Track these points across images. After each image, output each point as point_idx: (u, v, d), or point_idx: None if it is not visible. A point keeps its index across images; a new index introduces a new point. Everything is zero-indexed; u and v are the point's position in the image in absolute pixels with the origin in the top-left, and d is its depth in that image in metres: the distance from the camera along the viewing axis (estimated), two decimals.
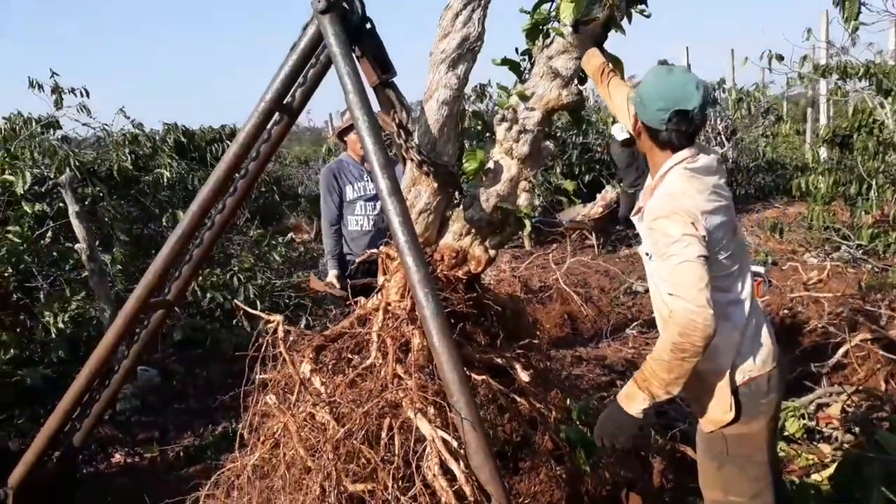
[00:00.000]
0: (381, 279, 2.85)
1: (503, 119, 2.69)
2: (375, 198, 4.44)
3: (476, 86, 11.05)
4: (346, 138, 4.73)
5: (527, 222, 2.79)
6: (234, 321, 6.23)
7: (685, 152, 2.13)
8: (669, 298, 1.97)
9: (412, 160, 2.56)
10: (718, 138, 12.82)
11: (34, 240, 5.63)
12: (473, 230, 2.74)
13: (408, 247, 2.22)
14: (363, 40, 2.49)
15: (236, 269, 6.59)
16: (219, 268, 6.67)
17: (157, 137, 8.00)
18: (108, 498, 3.76)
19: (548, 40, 2.69)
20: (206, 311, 6.31)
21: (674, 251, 1.96)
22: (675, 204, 2.02)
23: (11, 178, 5.59)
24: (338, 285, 4.41)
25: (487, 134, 2.88)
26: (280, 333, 2.89)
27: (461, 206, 2.76)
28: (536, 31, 2.73)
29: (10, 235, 5.39)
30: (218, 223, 2.83)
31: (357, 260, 3.86)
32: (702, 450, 2.31)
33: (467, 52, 2.60)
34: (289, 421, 2.52)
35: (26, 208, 5.65)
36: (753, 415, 2.17)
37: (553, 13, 2.69)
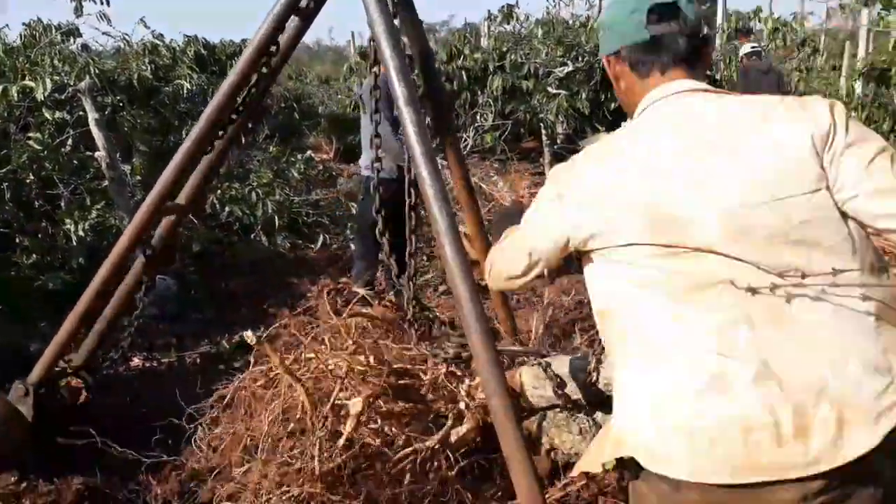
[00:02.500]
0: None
1: None
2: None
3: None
4: None
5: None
6: (251, 235, 6.29)
7: (682, 82, 1.46)
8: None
9: None
10: None
11: (55, 147, 5.65)
12: None
13: (423, 159, 2.19)
14: None
15: (255, 184, 6.61)
16: (237, 182, 6.69)
17: (177, 48, 7.91)
18: (127, 398, 3.87)
19: None
20: (224, 225, 6.36)
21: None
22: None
23: (32, 84, 5.57)
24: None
25: None
26: None
27: None
28: None
29: (31, 142, 5.41)
30: (232, 130, 2.80)
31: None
32: None
33: None
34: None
35: (47, 115, 5.65)
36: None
37: None
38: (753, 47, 8.94)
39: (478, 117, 9.48)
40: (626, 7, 1.49)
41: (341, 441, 2.33)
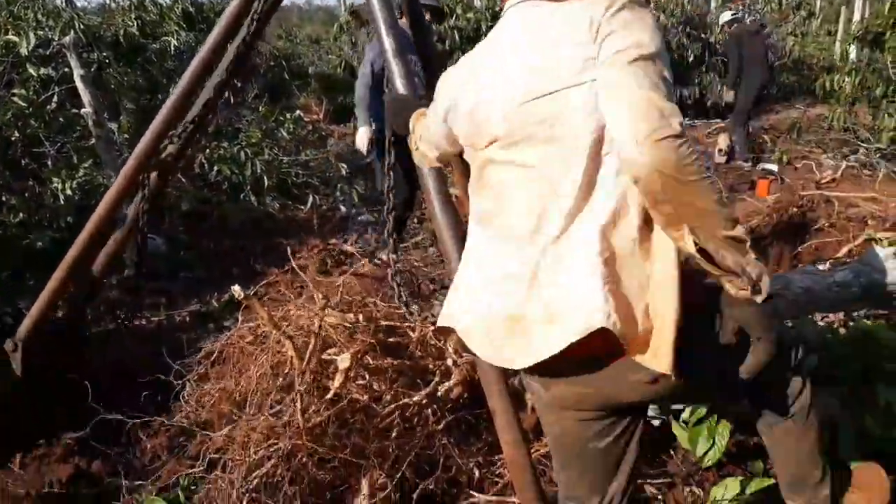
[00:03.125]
0: None
1: None
2: None
3: None
4: None
5: None
6: (241, 195, 6.25)
7: None
8: None
9: None
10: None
11: (40, 104, 5.57)
12: None
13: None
14: None
15: (244, 143, 6.55)
16: (226, 141, 6.62)
17: (165, 5, 7.76)
18: (116, 355, 3.88)
19: None
20: (213, 185, 6.32)
21: None
22: None
23: (15, 38, 5.47)
24: (365, 146, 4.55)
25: None
26: None
27: None
28: None
29: (15, 98, 5.33)
30: (215, 87, 2.76)
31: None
32: None
33: None
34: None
35: (31, 71, 5.56)
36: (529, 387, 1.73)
37: None
38: (734, 14, 8.80)
39: None
40: None
41: (329, 395, 2.35)
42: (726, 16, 8.79)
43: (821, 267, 2.77)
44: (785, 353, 1.67)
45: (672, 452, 2.77)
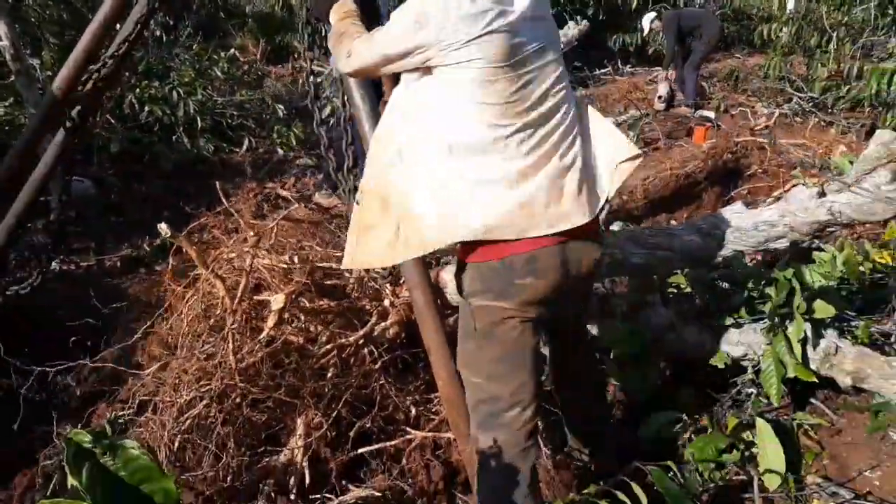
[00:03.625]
0: None
1: None
2: None
3: None
4: None
5: None
6: (173, 137, 6.04)
7: None
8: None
9: None
10: None
11: None
12: None
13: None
14: None
15: (176, 83, 6.29)
16: (157, 80, 6.35)
17: None
18: (43, 299, 3.75)
19: None
20: (144, 125, 6.07)
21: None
22: None
23: None
24: None
25: None
26: None
27: None
28: None
29: None
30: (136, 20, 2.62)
31: None
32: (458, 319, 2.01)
33: None
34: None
35: None
36: (502, 293, 1.80)
37: None
38: (656, 15, 8.68)
39: None
40: None
41: (263, 336, 2.32)
42: (650, 17, 8.65)
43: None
44: None
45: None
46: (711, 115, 7.68)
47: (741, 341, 2.73)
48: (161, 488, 1.03)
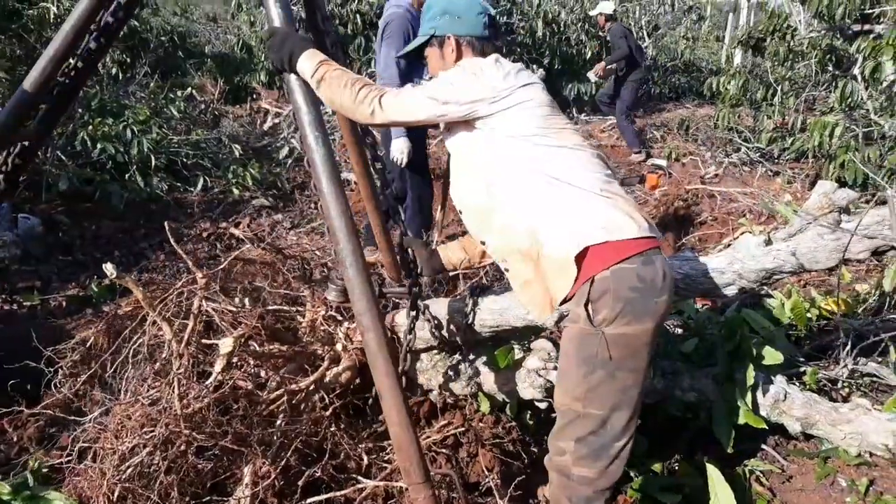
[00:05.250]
0: None
1: None
2: None
3: None
4: None
5: None
6: (126, 175, 5.93)
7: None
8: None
9: None
10: (640, 33, 12.79)
11: None
12: None
13: (298, 84, 2.11)
14: None
15: (130, 120, 6.21)
16: (111, 118, 6.26)
17: None
18: None
19: None
20: (96, 163, 5.96)
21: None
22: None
23: None
24: (405, 156, 4.34)
25: None
26: None
27: None
28: None
29: None
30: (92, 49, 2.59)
31: None
32: (569, 351, 2.00)
33: None
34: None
35: None
36: (641, 313, 1.89)
37: None
38: (614, 10, 8.96)
39: (372, 63, 9.27)
40: (474, 7, 2.23)
41: (210, 381, 2.26)
42: (608, 6, 8.86)
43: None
44: None
45: None
46: (663, 162, 7.88)
47: (693, 388, 2.76)
48: None
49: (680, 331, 3.12)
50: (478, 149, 2.08)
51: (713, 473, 2.47)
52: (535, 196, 1.99)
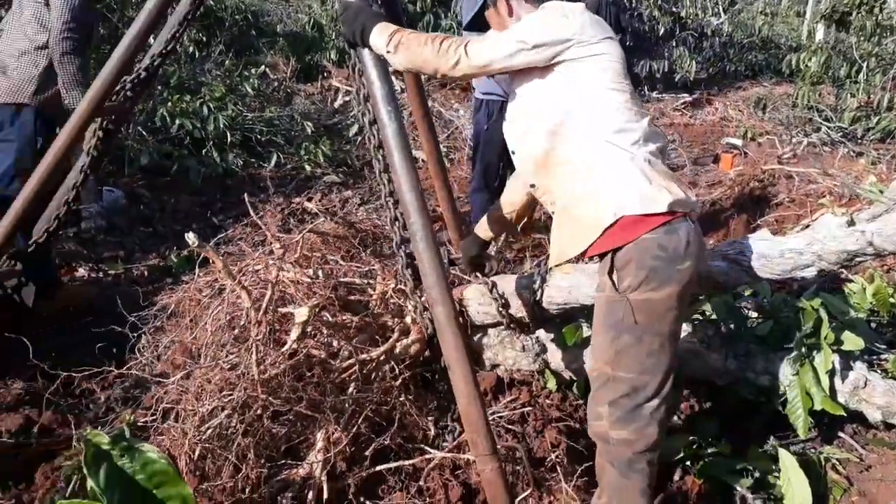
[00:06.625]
0: None
1: None
2: None
3: None
4: None
5: None
6: (202, 151, 6.12)
7: None
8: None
9: None
10: (715, 9, 12.37)
11: None
12: None
13: (371, 59, 2.14)
14: None
15: (206, 98, 6.39)
16: (189, 95, 6.46)
17: None
18: (71, 305, 3.80)
19: None
20: (174, 139, 6.17)
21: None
22: None
23: None
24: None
25: None
26: None
27: None
28: None
29: None
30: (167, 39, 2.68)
31: None
32: (598, 318, 2.08)
33: None
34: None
35: None
36: (664, 280, 1.93)
37: None
38: None
39: None
40: None
41: (286, 348, 2.33)
42: None
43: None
44: None
45: None
46: (738, 142, 7.64)
47: (767, 371, 2.69)
48: (178, 494, 1.03)
49: (755, 314, 3.05)
50: (551, 93, 2.07)
51: (786, 459, 2.42)
52: (590, 150, 2.00)
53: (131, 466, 1.00)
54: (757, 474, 2.58)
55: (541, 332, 2.80)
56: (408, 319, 2.75)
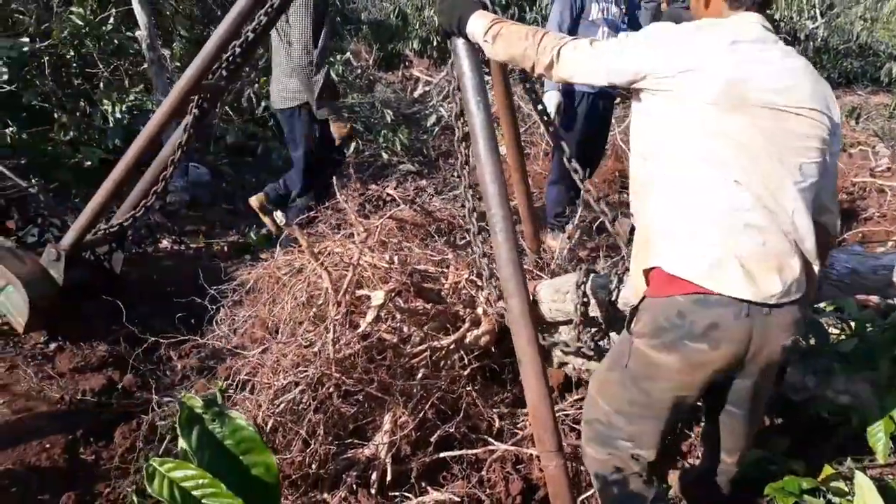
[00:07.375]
0: None
1: None
2: (617, 26, 4.20)
3: None
4: None
5: None
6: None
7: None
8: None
9: None
10: (812, 11, 11.89)
11: (97, 24, 5.61)
12: None
13: (465, 49, 2.15)
14: None
15: None
16: None
17: None
18: (154, 275, 3.97)
19: None
20: (259, 120, 6.34)
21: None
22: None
23: None
24: (553, 108, 4.20)
25: None
26: None
27: None
28: None
29: (73, 17, 5.37)
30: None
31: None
32: (613, 342, 2.06)
33: None
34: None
35: None
36: (668, 346, 1.75)
37: None
38: None
39: None
40: None
41: (360, 330, 2.38)
42: None
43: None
44: None
45: None
46: None
47: (848, 389, 2.59)
48: (263, 462, 1.06)
49: (836, 330, 2.94)
50: (647, 116, 1.85)
51: (863, 482, 2.32)
52: (680, 195, 1.76)
53: (221, 431, 1.04)
54: (830, 496, 2.49)
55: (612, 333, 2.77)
56: (479, 310, 2.76)
